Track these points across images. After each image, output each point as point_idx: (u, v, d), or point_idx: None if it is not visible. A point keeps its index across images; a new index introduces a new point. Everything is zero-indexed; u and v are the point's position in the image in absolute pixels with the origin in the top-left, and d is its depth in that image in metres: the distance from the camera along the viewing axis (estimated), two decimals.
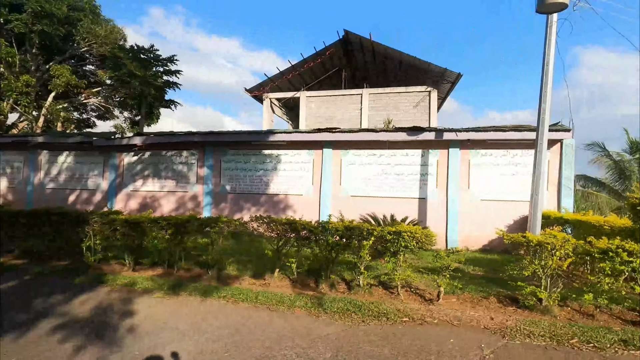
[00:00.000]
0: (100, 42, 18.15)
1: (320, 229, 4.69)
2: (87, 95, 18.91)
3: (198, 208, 10.70)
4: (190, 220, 5.13)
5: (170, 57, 15.04)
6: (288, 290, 4.71)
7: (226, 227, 5.02)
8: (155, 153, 11.11)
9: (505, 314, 3.99)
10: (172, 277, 5.09)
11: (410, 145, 9.26)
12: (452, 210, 8.96)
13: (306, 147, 9.95)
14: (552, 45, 6.13)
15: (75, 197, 11.79)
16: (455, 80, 18.00)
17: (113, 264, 5.71)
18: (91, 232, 5.49)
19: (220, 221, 4.97)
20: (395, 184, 9.35)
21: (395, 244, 4.38)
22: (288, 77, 20.66)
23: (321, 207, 9.71)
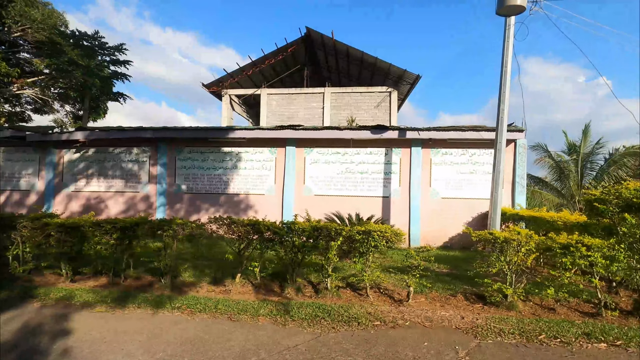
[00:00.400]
0: (35, 27, 16.30)
1: (285, 229, 4.40)
2: (21, 86, 16.91)
3: (150, 209, 9.91)
4: (139, 222, 4.60)
5: (119, 46, 13.80)
6: (251, 297, 4.37)
7: (181, 229, 4.56)
8: (101, 150, 10.13)
9: (473, 312, 3.96)
10: (118, 288, 4.53)
11: (374, 143, 9.23)
12: (414, 208, 9.06)
13: (268, 144, 9.58)
14: (509, 48, 6.33)
15: (5, 199, 10.44)
16: (414, 81, 18.48)
17: (47, 275, 5.00)
18: (19, 238, 4.75)
19: (174, 223, 4.50)
20: (359, 182, 9.27)
21: (365, 244, 4.21)
22: (248, 73, 20.00)
23: (284, 207, 9.40)
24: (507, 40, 6.32)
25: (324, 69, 22.99)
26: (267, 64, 19.85)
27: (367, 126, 8.92)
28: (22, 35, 17.73)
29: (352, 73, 21.59)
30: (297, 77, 24.08)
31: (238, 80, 20.52)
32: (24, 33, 17.25)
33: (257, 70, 20.15)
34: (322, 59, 21.64)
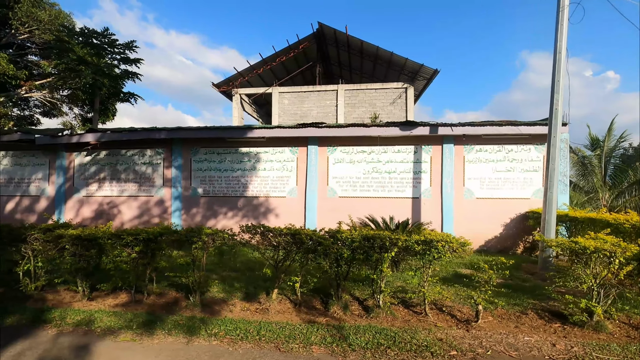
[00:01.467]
0: (43, 28, 15.94)
1: (331, 240, 3.83)
2: (29, 88, 16.56)
3: (165, 214, 9.42)
4: (163, 233, 4.07)
5: (129, 43, 13.29)
6: (293, 317, 3.81)
7: (211, 240, 4.02)
8: (112, 152, 9.66)
9: (558, 335, 3.37)
10: (142, 308, 4.00)
11: (402, 141, 8.64)
12: (446, 210, 8.45)
13: (289, 144, 9.02)
14: (563, 32, 5.70)
15: (14, 205, 10.02)
16: (431, 76, 17.82)
17: (61, 291, 4.49)
18: (30, 252, 4.24)
19: (203, 234, 3.96)
20: (386, 183, 8.69)
21: (427, 256, 3.63)
22: (259, 72, 19.49)
23: (307, 210, 8.84)
24: (561, 23, 5.69)
25: (335, 66, 22.39)
26: (278, 62, 19.31)
27: (396, 122, 8.32)
28: (29, 37, 17.40)
29: (365, 69, 20.97)
30: (309, 75, 23.51)
31: (248, 79, 20.01)
32: (30, 35, 16.92)
33: (268, 68, 19.61)
34: (333, 56, 21.04)
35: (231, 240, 4.04)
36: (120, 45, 13.01)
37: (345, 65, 21.78)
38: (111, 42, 12.78)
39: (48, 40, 16.74)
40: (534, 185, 8.25)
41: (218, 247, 4.12)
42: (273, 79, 20.93)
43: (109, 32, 12.39)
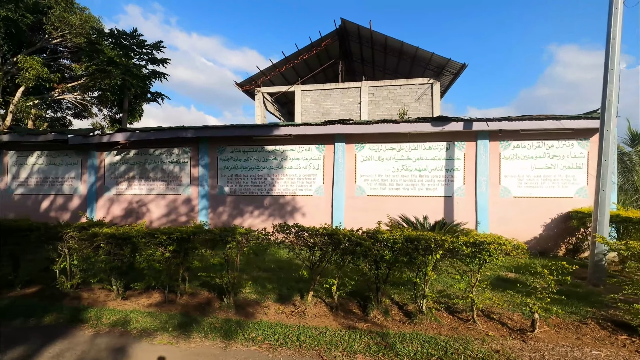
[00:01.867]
0: (74, 32, 16.45)
1: (371, 241, 3.61)
2: (61, 91, 17.16)
3: (192, 213, 9.45)
4: (197, 232, 3.96)
5: (156, 44, 13.51)
6: (331, 321, 3.62)
7: (245, 240, 3.88)
8: (141, 151, 9.79)
9: (628, 348, 3.02)
10: (175, 308, 3.92)
11: (434, 137, 8.29)
12: (481, 209, 8.05)
13: (316, 141, 8.85)
14: (618, 16, 5.23)
15: (49, 203, 10.33)
16: (458, 71, 17.20)
17: (95, 289, 4.49)
18: (66, 250, 4.24)
19: (237, 233, 3.83)
20: (417, 181, 8.37)
21: (478, 259, 3.35)
22: (281, 70, 19.43)
23: (334, 209, 8.64)
24: (615, 6, 5.23)
25: (357, 63, 22.06)
26: (301, 60, 19.19)
27: (427, 118, 7.99)
28: (61, 42, 18.02)
29: (389, 65, 20.53)
30: (331, 72, 23.29)
31: (271, 78, 19.99)
32: (63, 39, 17.52)
33: (291, 67, 19.52)
34: (356, 52, 20.73)
35: (265, 240, 3.89)
36: (148, 45, 13.24)
37: (368, 62, 21.42)
38: (140, 43, 13.02)
39: (79, 44, 17.29)
40: (577, 184, 7.73)
41: (251, 247, 3.98)
42: (295, 77, 20.84)
43: (137, 32, 12.63)
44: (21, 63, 14.63)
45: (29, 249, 4.50)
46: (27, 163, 10.52)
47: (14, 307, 3.80)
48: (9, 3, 13.64)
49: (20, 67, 14.67)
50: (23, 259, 4.49)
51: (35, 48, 17.75)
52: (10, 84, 17.47)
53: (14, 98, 15.77)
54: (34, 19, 14.88)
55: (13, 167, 10.61)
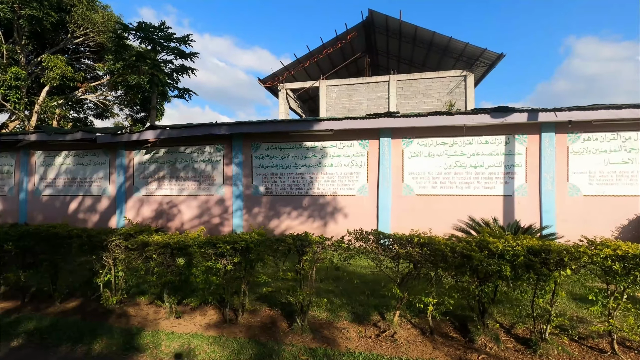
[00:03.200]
0: (97, 30, 16.21)
1: (484, 253, 2.94)
2: (85, 90, 16.97)
3: (226, 214, 8.93)
4: (265, 241, 3.36)
5: (185, 37, 13.03)
6: (432, 351, 2.97)
7: (320, 249, 3.26)
8: (171, 150, 9.32)
9: None
10: (239, 330, 3.34)
11: (491, 130, 7.53)
12: (547, 210, 7.25)
13: (358, 136, 8.19)
14: None
15: (77, 204, 9.99)
16: (493, 62, 16.24)
17: (142, 305, 3.95)
18: (111, 261, 3.71)
19: (312, 241, 3.21)
20: (472, 178, 7.62)
21: (629, 276, 2.65)
22: (305, 65, 18.81)
23: (380, 210, 7.97)
24: None
25: (382, 56, 21.25)
26: (325, 54, 18.51)
27: (485, 108, 7.24)
28: (83, 41, 17.84)
29: (416, 58, 19.67)
30: (353, 68, 22.56)
31: (294, 73, 19.41)
32: (85, 38, 17.32)
33: (314, 62, 18.88)
34: (381, 46, 19.94)
35: (346, 252, 3.26)
36: (176, 39, 12.78)
37: (394, 55, 20.60)
38: (168, 36, 12.59)
39: (101, 43, 17.07)
40: None
41: (330, 259, 3.36)
42: (318, 74, 20.21)
43: (165, 25, 12.20)
44: (46, 62, 14.43)
45: (68, 258, 4.00)
46: (54, 163, 10.20)
47: (57, 328, 3.28)
48: (34, 1, 13.42)
49: (45, 66, 14.48)
50: (62, 269, 3.99)
51: (57, 48, 17.61)
52: (34, 84, 17.38)
53: (39, 98, 15.63)
54: (58, 18, 14.64)
55: (40, 167, 10.31)
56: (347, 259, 3.30)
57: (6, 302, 4.09)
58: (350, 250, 3.33)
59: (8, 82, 13.68)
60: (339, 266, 3.23)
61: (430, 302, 3.17)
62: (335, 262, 3.20)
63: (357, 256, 3.43)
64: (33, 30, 14.80)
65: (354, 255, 3.28)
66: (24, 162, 10.33)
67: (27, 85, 15.39)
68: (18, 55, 15.56)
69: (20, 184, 10.30)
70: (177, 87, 14.76)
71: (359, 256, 3.38)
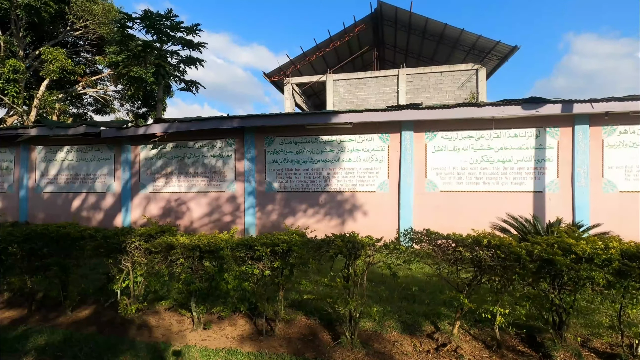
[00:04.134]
0: (97, 22, 15.69)
1: (570, 257, 2.53)
2: (85, 84, 16.46)
3: (238, 212, 8.51)
4: (308, 243, 2.96)
5: (193, 27, 12.48)
6: None
7: (373, 252, 2.86)
8: (180, 144, 8.88)
9: None
10: (278, 343, 2.94)
11: (520, 123, 7.13)
12: (580, 207, 6.87)
13: (379, 130, 7.78)
14: None
15: (80, 202, 9.54)
16: (506, 55, 15.83)
17: (163, 313, 3.54)
18: (129, 265, 3.29)
19: (365, 244, 2.80)
20: (500, 174, 7.23)
21: None
22: (311, 59, 18.33)
23: (401, 207, 7.57)
24: None
25: (389, 50, 20.77)
26: (332, 47, 18.03)
27: (516, 99, 6.82)
28: (83, 33, 17.31)
29: (425, 52, 19.21)
30: (359, 63, 22.10)
31: (300, 68, 18.93)
32: (85, 30, 16.80)
33: (321, 55, 18.39)
34: (389, 39, 19.47)
35: (402, 256, 2.85)
36: (184, 28, 12.26)
37: (401, 49, 20.15)
38: (175, 26, 12.05)
39: (102, 35, 16.54)
40: None
41: (383, 262, 2.95)
42: (324, 68, 19.74)
43: (172, 14, 11.69)
44: (45, 54, 13.92)
45: (80, 261, 3.57)
46: (56, 159, 9.74)
47: (72, 344, 2.86)
48: None
49: (44, 59, 13.96)
50: (73, 274, 3.56)
51: (56, 41, 17.08)
52: (33, 78, 16.84)
53: (38, 92, 15.11)
54: (57, 8, 14.11)
55: (41, 163, 9.85)
56: (403, 262, 2.89)
57: (11, 310, 3.67)
58: (402, 252, 2.92)
59: (6, 75, 13.16)
60: (395, 272, 2.81)
61: (500, 312, 2.77)
62: (392, 268, 2.78)
63: (413, 260, 3.02)
64: (31, 22, 14.25)
65: (412, 260, 2.87)
66: (24, 157, 9.87)
67: (26, 79, 14.86)
68: (15, 47, 15.02)
69: (21, 180, 9.85)
70: (183, 79, 14.25)
71: (415, 260, 2.97)
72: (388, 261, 2.88)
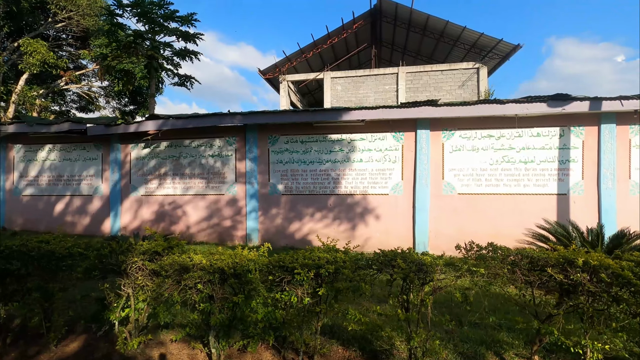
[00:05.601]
0: (81, 13, 14.74)
1: None
2: (68, 79, 15.47)
3: (239, 216, 7.88)
4: (356, 262, 2.39)
5: (188, 16, 11.63)
6: None
7: (440, 274, 2.31)
8: (175, 143, 8.19)
9: None
10: None
11: (542, 121, 6.73)
12: (607, 210, 6.50)
13: (392, 128, 7.27)
14: None
15: (64, 206, 8.74)
16: (508, 54, 15.58)
17: (169, 345, 2.93)
18: (130, 291, 2.67)
19: (433, 265, 2.26)
20: (522, 175, 6.81)
21: None
22: (308, 56, 17.73)
23: (416, 211, 7.08)
24: None
25: (387, 48, 20.35)
26: (329, 44, 17.48)
27: (541, 96, 6.41)
28: (66, 25, 16.29)
29: (423, 50, 18.85)
30: (355, 61, 21.62)
31: (295, 65, 18.32)
32: (68, 22, 15.79)
33: (317, 52, 17.83)
34: (387, 37, 19.04)
35: (476, 278, 2.31)
36: (178, 17, 11.40)
37: (399, 47, 19.76)
38: (169, 15, 11.21)
39: (86, 27, 15.59)
40: None
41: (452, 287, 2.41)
42: (320, 65, 19.20)
43: (166, 1, 10.81)
44: (25, 47, 12.93)
45: (67, 283, 2.92)
46: (36, 159, 8.91)
47: None
48: None
49: (24, 51, 12.97)
50: (59, 299, 2.91)
51: (36, 33, 16.02)
52: (11, 72, 15.75)
53: (16, 86, 14.08)
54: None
55: (20, 163, 9.00)
56: (480, 286, 2.35)
57: None
58: (475, 273, 2.38)
59: None
60: (467, 298, 2.27)
61: (597, 348, 2.26)
62: (468, 297, 2.24)
63: (493, 282, 2.48)
64: (8, 10, 13.24)
65: (491, 283, 2.34)
66: (1, 157, 9.01)
67: (3, 72, 13.82)
68: None
69: None
70: (177, 73, 13.42)
71: (496, 283, 2.43)
72: (464, 283, 2.34)
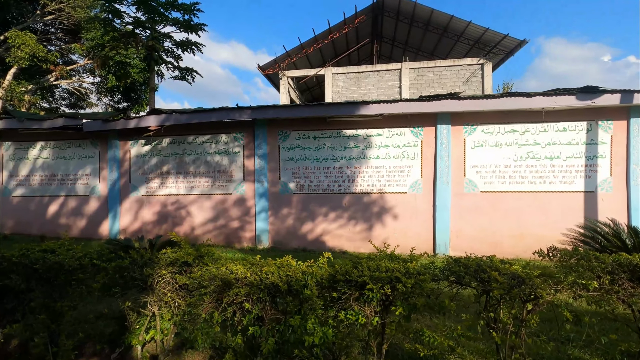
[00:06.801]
0: (72, 5, 14.06)
1: None
2: (58, 75, 14.77)
3: (247, 217, 7.44)
4: (438, 274, 2.00)
5: (191, 5, 11.03)
6: None
7: (551, 293, 1.93)
8: (177, 139, 7.71)
9: None
10: None
11: (569, 115, 6.43)
12: (636, 207, 6.24)
13: (410, 123, 6.90)
14: None
15: (58, 207, 8.19)
16: (513, 49, 15.36)
17: None
18: (156, 309, 2.24)
19: (528, 277, 1.88)
20: (547, 172, 6.51)
21: None
22: (308, 51, 17.29)
23: (436, 210, 6.74)
24: None
25: (387, 44, 20.01)
26: (330, 39, 17.06)
27: (571, 89, 6.10)
28: (56, 18, 15.57)
29: (426, 46, 18.56)
30: (355, 57, 21.24)
31: (295, 61, 17.86)
32: (58, 14, 15.08)
33: (318, 48, 17.40)
34: (388, 32, 18.69)
35: (597, 293, 1.94)
36: (180, 6, 10.77)
37: (401, 43, 19.45)
38: (171, 3, 10.58)
39: (78, 20, 14.90)
40: None
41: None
42: (320, 61, 18.78)
43: None
44: (12, 39, 12.24)
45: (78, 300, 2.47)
46: (27, 157, 8.33)
47: None
48: None
49: (12, 43, 12.28)
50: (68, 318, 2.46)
51: (24, 25, 15.27)
52: None
53: (3, 81, 13.35)
54: None
55: (10, 162, 8.42)
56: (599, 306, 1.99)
57: None
58: (587, 286, 2.01)
59: None
60: (586, 322, 1.90)
61: None
62: (581, 316, 1.87)
63: None
64: None
65: (604, 297, 1.96)
66: None
67: None
68: None
69: None
70: (178, 66, 12.80)
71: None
72: (565, 298, 1.96)
